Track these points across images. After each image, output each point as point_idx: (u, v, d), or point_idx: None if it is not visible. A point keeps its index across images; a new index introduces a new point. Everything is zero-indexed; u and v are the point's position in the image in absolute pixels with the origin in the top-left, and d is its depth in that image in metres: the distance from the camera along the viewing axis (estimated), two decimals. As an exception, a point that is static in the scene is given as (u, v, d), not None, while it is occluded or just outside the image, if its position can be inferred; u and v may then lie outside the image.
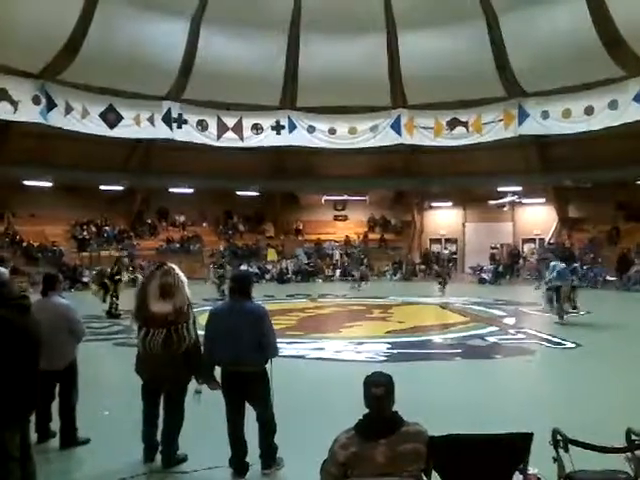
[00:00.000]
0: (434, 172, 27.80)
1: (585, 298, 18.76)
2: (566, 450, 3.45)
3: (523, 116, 24.77)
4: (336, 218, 32.46)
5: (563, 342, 10.93)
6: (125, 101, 24.48)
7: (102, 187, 27.13)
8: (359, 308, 16.94)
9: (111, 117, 24.24)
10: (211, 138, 26.42)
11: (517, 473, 3.20)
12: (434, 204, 30.95)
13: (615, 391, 7.21)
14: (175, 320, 4.75)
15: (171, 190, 29.00)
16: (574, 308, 13.99)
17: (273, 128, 27.04)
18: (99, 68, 22.01)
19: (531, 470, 3.39)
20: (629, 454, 3.42)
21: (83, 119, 23.52)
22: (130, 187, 27.99)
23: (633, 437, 3.39)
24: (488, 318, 14.23)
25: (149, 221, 29.50)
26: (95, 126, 23.82)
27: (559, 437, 3.50)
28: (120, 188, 27.81)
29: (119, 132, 24.55)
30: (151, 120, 25.22)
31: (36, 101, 22.07)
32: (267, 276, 27.17)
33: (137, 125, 24.96)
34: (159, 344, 4.69)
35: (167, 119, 25.47)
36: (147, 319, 4.78)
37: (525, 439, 3.15)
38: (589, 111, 22.95)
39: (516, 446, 3.17)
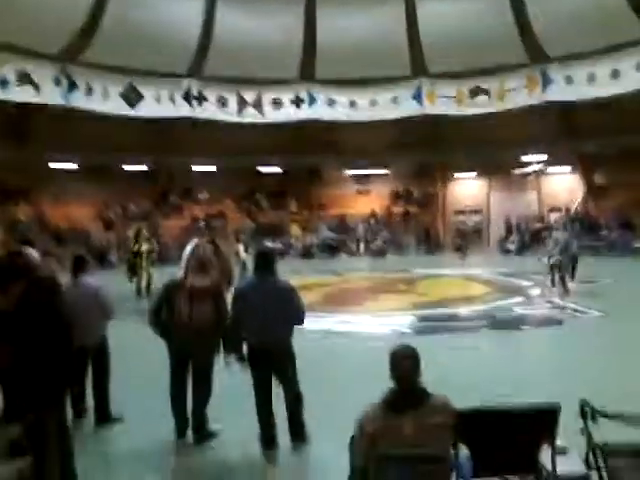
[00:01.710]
0: (457, 142, 27.40)
1: (612, 266, 18.63)
2: (594, 421, 3.43)
3: (547, 82, 24.21)
4: (359, 192, 32.28)
5: (589, 311, 10.86)
6: (145, 80, 24.51)
7: (126, 167, 27.34)
8: (384, 282, 16.95)
9: (132, 96, 24.32)
10: (231, 114, 26.38)
11: (545, 445, 3.20)
12: (458, 175, 30.58)
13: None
14: (210, 292, 4.89)
15: (194, 168, 29.12)
16: (572, 278, 13.80)
17: (293, 102, 26.86)
18: (117, 47, 22.02)
19: (559, 442, 3.39)
20: (659, 424, 3.40)
21: (104, 99, 23.64)
22: (153, 166, 28.17)
23: (663, 407, 3.37)
24: (514, 289, 14.12)
25: (173, 200, 29.70)
26: (116, 106, 23.93)
27: (587, 409, 3.49)
28: (144, 168, 27.99)
29: (140, 111, 24.63)
30: (172, 98, 25.26)
31: (57, 83, 22.22)
32: (291, 252, 27.27)
33: (158, 103, 25.00)
34: (195, 314, 4.81)
35: (187, 96, 25.47)
36: (184, 292, 4.88)
37: (553, 411, 3.14)
38: (615, 74, 22.33)
39: (544, 418, 3.17)
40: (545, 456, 3.21)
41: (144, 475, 4.42)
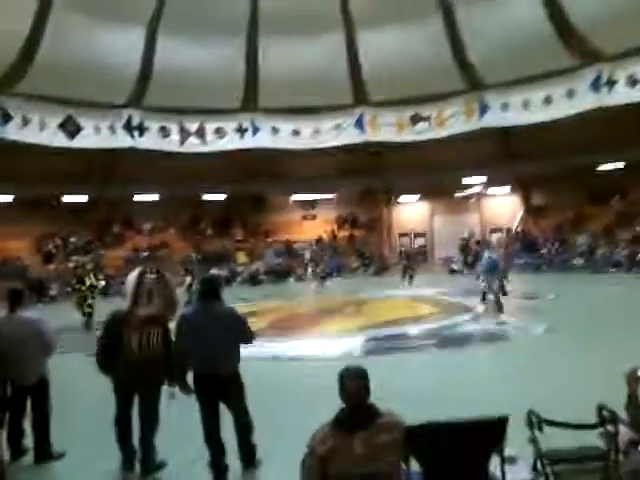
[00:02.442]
0: (400, 167, 28.00)
1: (553, 282, 19.26)
2: (541, 430, 3.53)
3: (484, 108, 25.13)
4: (305, 218, 32.45)
5: (534, 327, 11.14)
6: (84, 111, 24.05)
7: (65, 199, 26.64)
8: (332, 305, 16.97)
9: (70, 128, 23.81)
10: (174, 144, 26.17)
11: (495, 455, 3.24)
12: (401, 199, 31.19)
13: (585, 372, 7.35)
14: (156, 321, 4.81)
15: (136, 198, 28.63)
16: (504, 294, 14.21)
17: (236, 131, 26.90)
18: (55, 78, 21.52)
19: (508, 451, 3.45)
20: (601, 429, 3.51)
21: (41, 131, 23.05)
22: (94, 197, 27.54)
23: (604, 413, 3.48)
24: (460, 307, 14.37)
25: (115, 230, 29.08)
26: (54, 137, 23.36)
27: (534, 418, 3.58)
28: (84, 199, 27.34)
29: (79, 142, 24.10)
30: (112, 129, 24.85)
31: (-8, 115, 21.58)
32: (238, 279, 27.05)
33: (97, 135, 24.55)
34: (154, 343, 4.75)
35: (128, 127, 25.13)
36: (129, 323, 4.78)
37: (501, 422, 3.19)
38: (548, 100, 23.41)
39: (493, 429, 3.21)
40: (495, 466, 3.25)
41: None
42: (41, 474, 5.00)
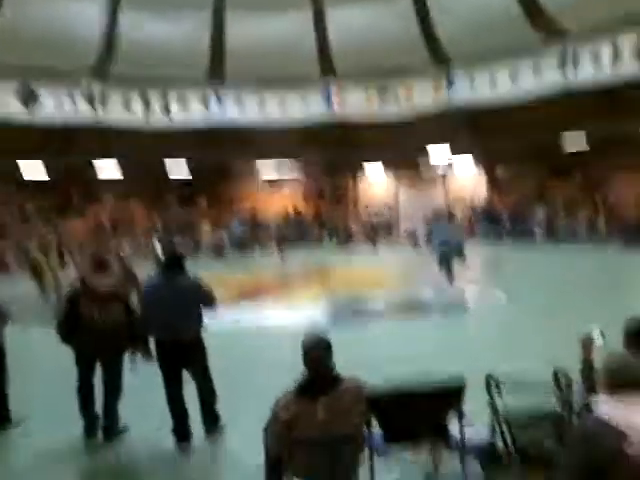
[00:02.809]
0: (367, 140, 27.97)
1: (514, 253, 19.68)
2: (499, 393, 3.62)
3: (451, 84, 25.21)
4: (271, 190, 32.27)
5: (495, 295, 11.43)
6: (43, 80, 23.26)
7: (23, 169, 25.85)
8: (297, 274, 17.01)
9: (27, 97, 23.03)
10: (137, 117, 25.60)
11: (454, 418, 3.31)
12: (367, 172, 31.24)
13: (542, 338, 7.56)
14: (116, 292, 4.80)
15: (98, 171, 27.96)
16: (458, 266, 14.38)
17: (201, 102, 26.46)
18: (13, 46, 20.73)
19: (467, 414, 3.54)
20: (556, 393, 3.63)
21: (-4, 99, 22.26)
22: (53, 168, 26.80)
23: (559, 377, 3.59)
24: (423, 277, 14.50)
25: (75, 201, 28.44)
26: (10, 107, 22.57)
27: (492, 382, 3.67)
28: (42, 169, 26.58)
29: (38, 113, 23.37)
30: (72, 99, 24.13)
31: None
32: (202, 249, 26.86)
33: (57, 105, 23.81)
34: (113, 315, 4.72)
35: (89, 98, 24.43)
36: (88, 294, 4.74)
37: (460, 386, 3.26)
38: (514, 77, 23.60)
39: (452, 393, 3.28)
40: (454, 428, 3.33)
41: (52, 476, 4.20)
42: (1, 442, 4.96)
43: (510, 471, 3.28)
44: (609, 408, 2.32)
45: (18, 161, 24.74)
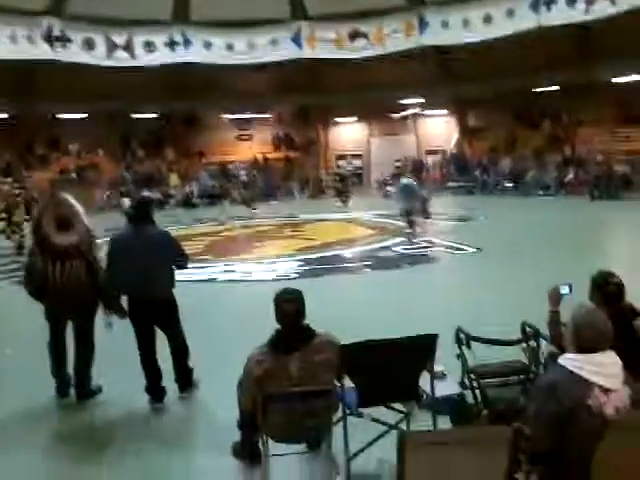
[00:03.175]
0: (337, 86, 27.51)
1: (484, 205, 19.84)
2: (468, 347, 3.69)
3: (424, 26, 24.69)
4: (240, 138, 31.71)
5: (465, 248, 11.51)
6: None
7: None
8: (269, 228, 16.94)
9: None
10: (99, 58, 24.56)
11: (425, 372, 3.36)
12: (338, 119, 30.85)
13: (512, 290, 7.68)
14: (78, 249, 4.61)
15: (61, 116, 27.07)
16: (427, 218, 14.49)
17: (167, 45, 25.50)
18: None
19: (437, 368, 3.59)
20: (524, 345, 3.70)
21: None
22: (13, 115, 25.84)
23: (527, 329, 3.66)
24: (394, 230, 14.60)
25: (39, 151, 27.60)
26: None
27: (462, 335, 3.72)
28: (3, 116, 25.62)
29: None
30: (30, 39, 22.98)
31: None
32: (171, 201, 26.47)
33: (13, 44, 22.63)
34: (77, 274, 4.56)
35: (48, 37, 23.28)
36: (50, 251, 4.57)
37: (430, 339, 3.29)
38: (487, 19, 23.19)
39: (422, 347, 3.32)
40: (425, 382, 3.38)
41: (25, 439, 4.18)
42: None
43: (480, 425, 3.37)
44: (574, 360, 2.38)
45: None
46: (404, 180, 14.12)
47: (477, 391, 3.55)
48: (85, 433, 4.34)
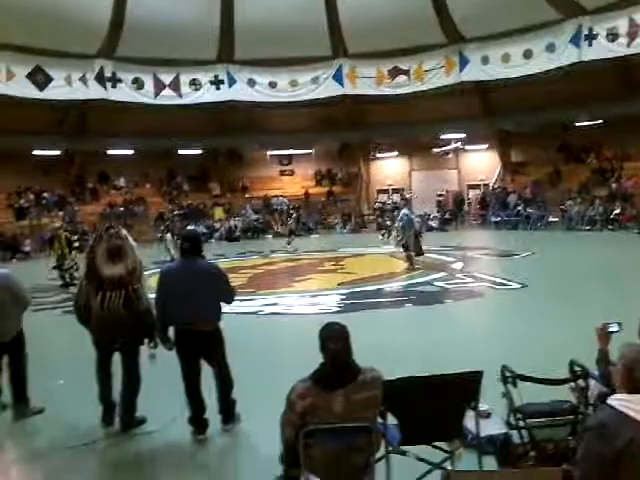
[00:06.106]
0: (378, 122, 27.79)
1: (528, 240, 19.53)
2: (514, 385, 3.60)
3: (464, 62, 24.87)
4: (282, 173, 32.20)
5: (509, 284, 11.29)
6: (54, 61, 23.25)
7: (36, 152, 25.97)
8: (310, 262, 17.03)
9: (39, 78, 23.06)
10: (148, 96, 25.53)
11: (469, 410, 3.31)
12: (380, 154, 31.04)
13: (558, 327, 7.50)
14: (129, 281, 4.72)
15: (110, 152, 28.07)
16: (418, 254, 14.40)
17: (212, 83, 26.32)
18: (23, 26, 20.70)
19: (482, 407, 3.53)
20: (572, 384, 3.61)
21: (9, 81, 22.28)
22: (66, 151, 26.93)
23: (575, 368, 3.57)
24: (436, 264, 14.51)
25: (90, 185, 28.58)
26: (22, 88, 22.63)
27: (507, 373, 3.65)
28: (56, 153, 26.70)
29: (50, 94, 23.40)
30: (83, 80, 24.11)
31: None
32: (216, 235, 26.93)
33: (69, 86, 23.82)
34: (115, 305, 4.66)
35: (100, 78, 24.39)
36: (96, 281, 4.70)
37: (475, 377, 3.25)
38: (528, 55, 23.22)
39: (467, 384, 3.27)
40: (470, 420, 3.33)
41: (71, 466, 4.26)
42: (20, 429, 5.01)
43: (527, 466, 3.28)
44: (624, 400, 2.33)
45: (32, 141, 24.79)
46: (406, 212, 14.24)
47: (524, 431, 3.46)
48: (130, 462, 4.40)
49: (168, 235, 17.56)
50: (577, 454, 2.39)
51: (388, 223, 23.46)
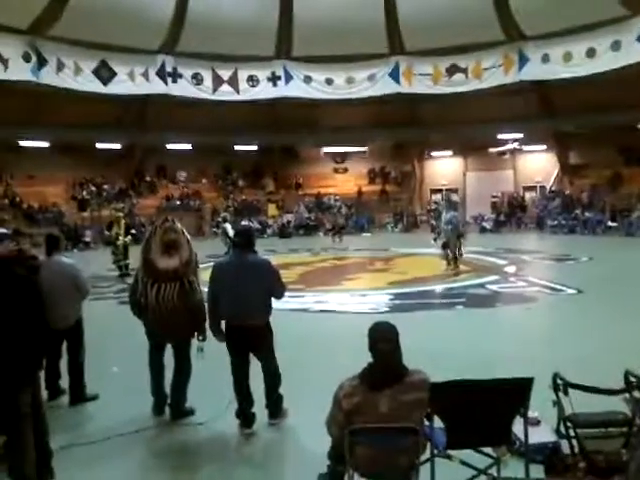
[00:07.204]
0: (433, 121, 27.48)
1: (586, 244, 18.95)
2: (566, 393, 3.52)
3: (523, 60, 24.29)
4: (336, 171, 32.25)
5: (564, 289, 10.99)
6: (118, 56, 24.03)
7: (99, 146, 26.87)
8: (361, 260, 17.01)
9: (104, 73, 23.87)
10: (206, 92, 26.05)
11: (518, 417, 3.26)
12: (434, 153, 30.68)
13: (614, 335, 7.27)
14: (184, 273, 4.81)
15: (169, 147, 28.76)
16: (460, 255, 14.09)
17: (269, 79, 26.61)
18: (89, 22, 21.46)
19: (531, 414, 3.47)
20: (627, 395, 3.50)
21: (76, 76, 23.14)
22: (127, 145, 27.75)
23: (631, 379, 3.46)
24: (489, 267, 14.28)
25: (148, 179, 29.36)
26: (88, 83, 23.46)
27: (559, 381, 3.57)
28: (117, 146, 27.56)
29: (113, 88, 24.18)
30: (145, 75, 24.81)
31: (26, 58, 21.67)
32: (268, 231, 27.22)
33: (131, 81, 24.57)
34: (170, 297, 4.73)
35: (162, 73, 25.05)
36: (151, 274, 4.80)
37: (525, 383, 3.19)
38: (591, 53, 22.47)
39: (517, 390, 3.21)
40: (518, 427, 3.27)
41: (121, 452, 4.41)
42: (75, 415, 5.19)
43: (576, 477, 3.21)
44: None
45: (94, 135, 25.63)
46: (450, 213, 14.10)
47: (574, 441, 3.38)
48: (176, 451, 4.49)
49: (227, 225, 17.45)
50: (629, 467, 2.32)
51: (433, 223, 23.19)
